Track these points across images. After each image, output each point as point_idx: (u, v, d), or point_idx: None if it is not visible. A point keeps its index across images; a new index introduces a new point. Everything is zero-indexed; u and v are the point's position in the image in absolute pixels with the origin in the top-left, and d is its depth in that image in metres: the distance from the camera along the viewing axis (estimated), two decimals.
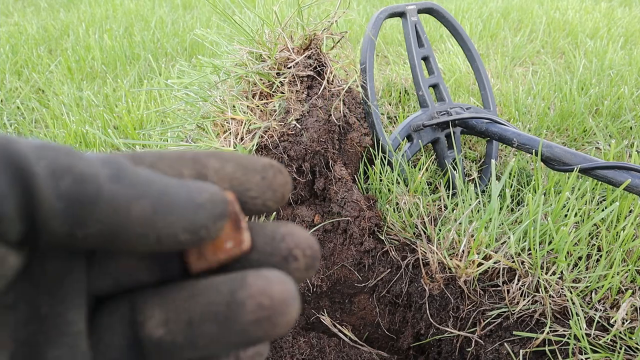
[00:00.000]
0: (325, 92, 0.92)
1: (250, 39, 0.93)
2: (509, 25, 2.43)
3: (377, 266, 0.89)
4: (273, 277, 0.17)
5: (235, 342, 0.17)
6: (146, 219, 0.15)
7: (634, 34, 2.13)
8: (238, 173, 0.18)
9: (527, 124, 1.31)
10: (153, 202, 0.15)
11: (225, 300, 0.17)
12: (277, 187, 0.19)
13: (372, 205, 0.92)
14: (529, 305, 0.72)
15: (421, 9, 1.13)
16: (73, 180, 0.14)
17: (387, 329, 0.92)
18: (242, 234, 0.18)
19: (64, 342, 0.16)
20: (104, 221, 0.14)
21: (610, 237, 0.78)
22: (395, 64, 1.85)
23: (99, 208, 0.14)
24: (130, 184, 0.15)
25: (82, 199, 0.14)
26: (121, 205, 0.15)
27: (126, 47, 2.12)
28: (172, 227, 0.16)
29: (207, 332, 0.16)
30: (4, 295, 0.15)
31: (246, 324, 0.16)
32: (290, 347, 0.81)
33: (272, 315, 0.16)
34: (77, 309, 0.16)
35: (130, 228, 0.15)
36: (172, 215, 0.16)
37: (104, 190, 0.14)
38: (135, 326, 0.17)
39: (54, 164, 0.14)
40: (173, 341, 0.17)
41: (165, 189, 0.16)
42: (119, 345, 0.17)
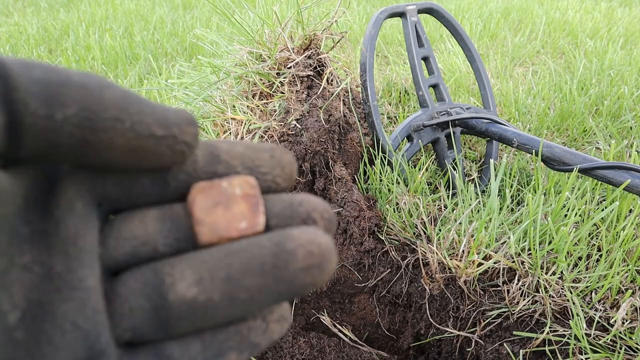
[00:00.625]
0: (325, 92, 0.92)
1: (250, 39, 0.93)
2: (509, 25, 2.43)
3: (377, 266, 0.89)
4: (315, 230, 0.18)
5: (280, 293, 0.17)
6: (118, 102, 0.15)
7: (634, 34, 2.13)
8: (248, 152, 0.19)
9: (527, 124, 1.31)
10: (122, 92, 0.16)
11: (271, 251, 0.17)
12: (285, 164, 0.20)
13: (372, 205, 0.92)
14: (529, 305, 0.72)
15: (421, 9, 1.13)
16: (44, 70, 0.15)
17: (387, 329, 0.92)
18: (259, 216, 0.18)
19: (74, 297, 0.16)
20: (80, 100, 0.15)
21: (610, 237, 0.78)
22: (395, 64, 1.85)
23: (73, 89, 0.15)
24: (98, 79, 0.16)
25: (57, 82, 0.15)
26: (93, 89, 0.15)
27: (126, 47, 2.12)
28: (144, 115, 0.16)
29: (249, 284, 0.17)
30: (22, 256, 0.15)
31: (296, 272, 0.17)
32: (290, 347, 0.81)
33: (321, 262, 0.17)
34: (90, 267, 0.17)
35: (104, 109, 0.15)
36: (143, 105, 0.16)
37: (73, 78, 0.15)
38: (162, 289, 0.17)
39: (24, 61, 0.15)
40: (208, 299, 0.17)
41: (132, 91, 0.17)
42: (143, 309, 0.17)
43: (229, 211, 0.18)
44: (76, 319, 0.16)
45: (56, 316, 0.16)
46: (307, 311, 0.92)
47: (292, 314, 0.90)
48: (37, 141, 0.15)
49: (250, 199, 0.19)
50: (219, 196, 0.18)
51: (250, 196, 0.19)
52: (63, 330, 0.16)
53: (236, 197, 0.18)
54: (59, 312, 0.16)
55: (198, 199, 0.18)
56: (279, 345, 0.81)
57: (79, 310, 0.16)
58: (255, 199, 0.19)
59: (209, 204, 0.18)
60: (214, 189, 0.18)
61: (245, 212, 0.18)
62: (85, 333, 0.16)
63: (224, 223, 0.18)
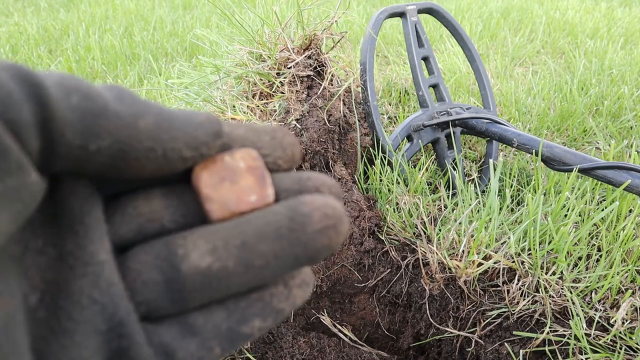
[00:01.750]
0: (325, 92, 0.92)
1: (251, 39, 0.93)
2: (509, 25, 2.43)
3: (377, 266, 0.89)
4: (327, 195, 0.18)
5: (297, 256, 0.17)
6: (152, 132, 0.16)
7: (634, 34, 2.13)
8: (249, 134, 0.19)
9: (527, 124, 1.31)
10: (155, 118, 0.16)
11: (287, 215, 0.17)
12: (286, 146, 0.20)
13: (372, 205, 0.92)
14: (529, 305, 0.72)
15: (421, 9, 1.13)
16: (82, 96, 0.15)
17: (387, 329, 0.92)
18: (267, 188, 0.18)
19: (87, 272, 0.16)
20: (115, 133, 0.15)
21: (610, 237, 0.78)
22: (395, 64, 1.85)
23: (109, 121, 0.15)
24: (132, 104, 0.16)
25: (93, 112, 0.15)
26: (128, 120, 0.15)
27: (126, 47, 2.12)
28: (176, 141, 0.16)
29: (265, 249, 0.17)
30: (35, 240, 0.16)
31: (313, 234, 0.17)
32: (290, 347, 0.81)
33: (337, 223, 0.17)
34: (99, 241, 0.17)
35: (138, 141, 0.16)
36: (174, 130, 0.16)
37: (110, 107, 0.15)
38: (175, 260, 0.17)
39: (62, 82, 0.15)
40: (223, 268, 0.17)
41: (164, 108, 0.17)
42: (156, 282, 0.17)
43: (236, 185, 0.18)
44: (92, 292, 0.16)
45: (73, 292, 0.16)
46: (307, 311, 0.92)
47: (292, 314, 0.90)
48: (69, 164, 0.15)
49: (256, 171, 0.18)
50: (224, 171, 0.18)
51: (255, 168, 0.18)
52: (81, 305, 0.16)
53: (241, 171, 0.18)
54: (75, 289, 0.16)
55: (203, 175, 0.18)
56: (279, 345, 0.81)
57: (93, 284, 0.16)
58: (261, 170, 0.18)
59: (215, 180, 0.18)
60: (217, 164, 0.18)
61: (253, 185, 0.18)
62: (102, 305, 0.16)
63: (234, 198, 0.18)
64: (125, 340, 0.16)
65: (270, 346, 0.81)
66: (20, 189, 0.14)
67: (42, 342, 0.15)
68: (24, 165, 0.14)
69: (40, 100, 0.14)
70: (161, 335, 0.17)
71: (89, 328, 0.16)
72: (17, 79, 0.14)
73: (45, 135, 0.14)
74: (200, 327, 0.17)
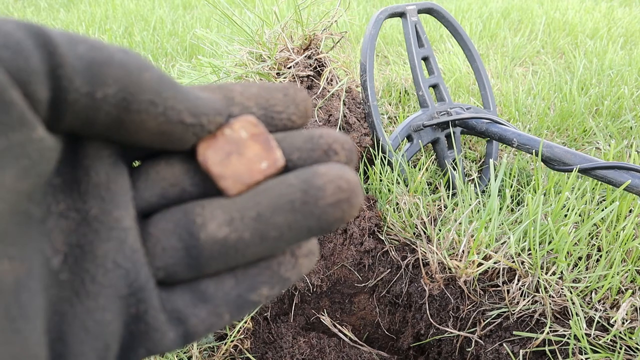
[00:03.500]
0: (325, 92, 0.92)
1: (250, 39, 0.93)
2: (509, 25, 2.43)
3: (377, 266, 0.89)
4: (341, 165, 0.18)
5: (310, 228, 0.17)
6: (155, 86, 0.16)
7: (634, 34, 2.13)
8: (262, 92, 0.19)
9: (527, 124, 1.31)
10: (159, 75, 0.16)
11: (300, 188, 0.17)
12: (299, 102, 0.20)
13: (372, 205, 0.92)
14: (529, 305, 0.72)
15: (421, 9, 1.13)
16: (88, 46, 0.15)
17: (387, 329, 0.92)
18: (275, 152, 0.18)
19: (112, 237, 0.17)
20: (120, 81, 0.15)
21: (610, 237, 0.78)
22: (395, 64, 1.85)
23: (115, 69, 0.15)
24: (138, 58, 0.16)
25: (100, 60, 0.15)
26: (133, 70, 0.16)
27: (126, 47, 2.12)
28: (177, 102, 0.16)
29: (280, 221, 0.17)
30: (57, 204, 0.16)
31: (326, 207, 0.17)
32: (290, 347, 0.81)
33: (350, 196, 0.17)
34: (125, 208, 0.17)
35: (141, 92, 0.16)
36: (177, 92, 0.16)
37: (115, 56, 0.15)
38: (193, 228, 0.17)
39: (68, 34, 0.15)
40: (239, 238, 0.17)
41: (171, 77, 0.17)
42: (175, 248, 0.17)
43: (244, 157, 0.18)
44: (116, 257, 0.17)
45: (98, 256, 0.16)
46: (307, 311, 0.92)
47: (292, 314, 0.90)
48: (76, 117, 0.15)
49: (260, 138, 0.18)
50: (228, 145, 0.18)
51: (258, 135, 0.18)
52: (105, 268, 0.16)
53: (245, 141, 0.18)
54: (99, 252, 0.16)
55: (209, 154, 0.18)
56: (279, 345, 0.81)
57: (118, 249, 0.17)
58: (264, 135, 0.18)
59: (222, 156, 0.18)
60: (220, 140, 0.18)
61: (260, 152, 0.18)
62: (125, 270, 0.17)
63: (245, 170, 0.18)
64: (143, 305, 0.17)
65: (270, 346, 0.81)
66: (25, 144, 0.14)
67: (65, 304, 0.16)
68: (29, 120, 0.14)
69: (48, 48, 0.14)
70: (174, 302, 0.18)
71: (112, 291, 0.16)
72: (24, 29, 0.14)
73: (55, 84, 0.14)
74: (212, 295, 0.18)
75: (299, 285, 0.87)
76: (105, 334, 0.16)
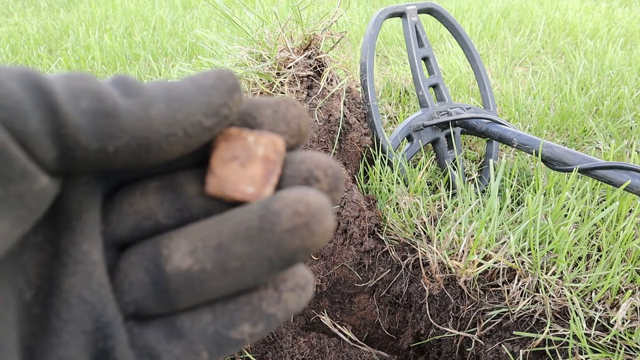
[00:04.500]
0: (325, 92, 0.92)
1: (250, 39, 0.93)
2: (508, 25, 2.43)
3: (377, 266, 0.89)
4: (307, 189, 0.17)
5: (271, 259, 0.16)
6: (166, 117, 0.15)
7: (634, 34, 2.13)
8: (250, 109, 0.18)
9: (527, 124, 1.31)
10: (165, 101, 0.16)
11: (258, 214, 0.16)
12: (290, 119, 0.18)
13: (372, 205, 0.92)
14: (529, 305, 0.72)
15: (421, 9, 1.13)
16: (91, 98, 0.14)
17: (387, 329, 0.92)
18: (267, 186, 0.17)
19: (79, 271, 0.16)
20: (130, 130, 0.15)
21: (610, 237, 0.78)
22: (395, 64, 1.85)
23: (122, 119, 0.15)
24: (139, 94, 0.15)
25: (105, 113, 0.14)
26: (140, 113, 0.15)
27: (126, 47, 2.12)
28: (193, 115, 0.16)
29: (238, 251, 0.16)
30: (34, 237, 0.16)
31: (282, 233, 0.16)
32: (290, 347, 0.81)
33: (309, 222, 0.16)
34: (93, 241, 0.17)
35: (156, 131, 0.15)
36: (188, 105, 0.16)
37: (120, 104, 0.15)
38: (160, 262, 0.17)
39: (70, 85, 0.14)
40: (202, 270, 0.16)
41: (170, 86, 0.16)
42: (143, 283, 0.17)
43: (243, 170, 0.17)
44: (82, 292, 0.16)
45: (63, 291, 0.16)
46: (307, 311, 0.92)
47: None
48: (90, 166, 0.15)
49: (269, 165, 0.17)
50: (241, 150, 0.17)
51: (269, 162, 0.17)
52: (69, 304, 0.16)
53: (256, 157, 0.17)
54: (65, 287, 0.16)
55: (220, 146, 0.18)
56: (279, 345, 0.81)
57: (84, 284, 0.16)
58: (273, 166, 0.17)
59: (228, 156, 0.17)
60: (239, 141, 0.18)
61: (257, 177, 0.17)
62: (91, 306, 0.16)
63: (233, 181, 0.17)
64: (111, 341, 0.16)
65: (270, 346, 0.81)
66: (24, 195, 0.14)
67: (33, 339, 0.15)
68: (30, 173, 0.14)
69: (50, 107, 0.14)
70: (146, 338, 0.17)
71: (77, 327, 0.16)
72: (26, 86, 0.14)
73: (61, 143, 0.14)
74: (187, 330, 0.17)
75: None
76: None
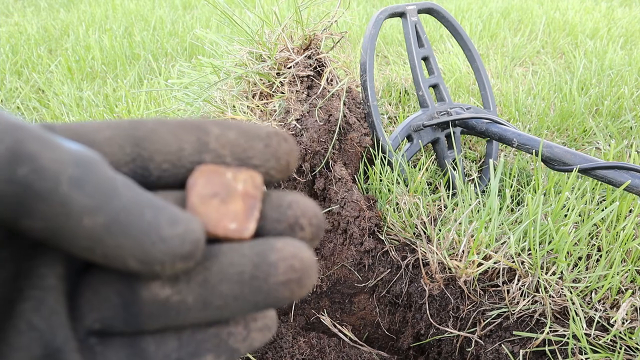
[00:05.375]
0: (325, 92, 0.92)
1: (250, 39, 0.93)
2: (508, 25, 2.43)
3: (377, 266, 0.89)
4: (299, 244, 0.17)
5: (257, 303, 0.17)
6: (95, 235, 0.14)
7: (634, 34, 2.13)
8: (240, 140, 0.18)
9: (527, 124, 1.31)
10: (108, 219, 0.14)
11: (252, 261, 0.16)
12: (281, 155, 0.18)
13: (372, 205, 0.92)
14: (529, 305, 0.72)
15: (421, 9, 1.13)
16: (31, 170, 0.13)
17: (387, 329, 0.92)
18: (250, 222, 0.18)
19: (32, 296, 0.16)
20: (50, 222, 0.14)
21: (610, 237, 0.78)
22: (395, 64, 1.85)
23: (49, 208, 0.14)
24: (91, 194, 0.14)
25: (34, 193, 0.13)
26: (72, 213, 0.14)
27: (126, 47, 2.12)
28: (121, 250, 0.15)
29: (225, 292, 0.16)
30: (1, 251, 0.15)
31: (276, 285, 0.16)
32: (290, 347, 0.81)
33: (302, 277, 0.17)
34: (51, 265, 0.16)
35: (76, 238, 0.14)
36: (124, 238, 0.14)
37: (58, 192, 0.14)
38: (135, 285, 0.16)
39: (18, 146, 0.13)
40: (182, 301, 0.16)
41: (129, 206, 0.15)
42: (113, 304, 0.16)
43: (224, 207, 0.17)
44: (31, 318, 0.16)
45: (14, 316, 0.16)
46: (307, 311, 0.92)
47: (292, 314, 0.90)
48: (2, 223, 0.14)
49: (249, 200, 0.18)
50: (220, 187, 0.17)
51: (249, 197, 0.18)
52: (18, 330, 0.15)
53: (236, 194, 0.17)
54: (16, 312, 0.16)
55: (199, 183, 0.17)
56: (279, 345, 0.81)
57: (35, 310, 0.16)
58: (254, 201, 0.18)
59: (208, 192, 0.17)
60: (217, 177, 0.17)
61: (239, 214, 0.17)
62: (39, 333, 0.16)
63: (215, 218, 0.17)
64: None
65: (270, 346, 0.81)
66: None
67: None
68: None
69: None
70: (107, 358, 0.17)
71: (24, 354, 0.15)
72: None
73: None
74: (151, 354, 0.17)
75: None
76: None
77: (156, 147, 0.17)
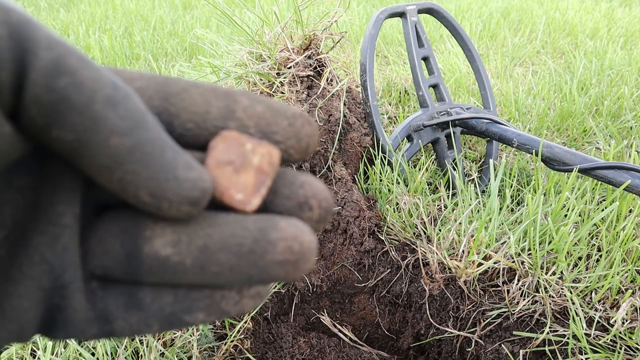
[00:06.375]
0: (325, 92, 0.92)
1: (250, 39, 0.93)
2: (508, 25, 2.43)
3: (377, 266, 0.89)
4: (303, 226, 0.17)
5: (251, 276, 0.17)
6: (118, 156, 0.15)
7: (634, 34, 2.13)
8: (267, 114, 0.18)
9: (527, 124, 1.31)
10: (134, 144, 0.15)
11: (253, 236, 0.17)
12: (302, 136, 0.18)
13: (372, 205, 0.92)
14: (529, 305, 0.72)
15: (421, 9, 1.13)
16: (70, 83, 0.14)
17: (387, 329, 0.92)
18: (256, 196, 0.18)
19: (48, 231, 0.16)
20: (80, 134, 0.14)
21: (610, 237, 0.78)
22: (395, 64, 1.85)
23: (81, 121, 0.14)
24: (122, 116, 0.15)
25: (70, 104, 0.14)
26: (102, 130, 0.14)
27: (126, 47, 2.12)
28: (137, 178, 0.15)
29: (223, 261, 0.17)
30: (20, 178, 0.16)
31: (271, 263, 0.17)
32: (290, 347, 0.81)
33: (298, 260, 0.17)
34: (70, 204, 0.17)
35: (99, 155, 0.15)
36: (143, 168, 0.15)
37: (92, 107, 0.14)
38: (139, 239, 0.17)
39: (62, 60, 0.14)
40: (180, 262, 0.17)
41: (154, 140, 0.15)
42: (117, 253, 0.17)
43: (235, 176, 0.18)
44: (45, 252, 0.16)
45: (29, 246, 0.16)
46: (307, 311, 0.92)
47: (292, 314, 0.90)
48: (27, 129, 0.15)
49: (261, 176, 0.18)
50: (237, 156, 0.18)
51: (262, 172, 0.18)
52: (32, 260, 0.16)
53: (250, 166, 0.18)
54: (32, 243, 0.16)
55: (219, 147, 0.18)
56: (279, 345, 0.81)
57: (50, 245, 0.17)
58: (265, 177, 0.18)
59: (224, 158, 0.18)
60: (237, 146, 0.18)
61: (248, 186, 0.18)
62: (51, 267, 0.17)
63: (224, 185, 0.17)
64: (64, 301, 0.17)
65: (270, 346, 0.81)
66: None
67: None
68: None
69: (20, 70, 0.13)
70: (107, 303, 0.17)
71: (34, 283, 0.16)
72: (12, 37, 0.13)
73: (15, 99, 0.14)
74: (147, 305, 0.18)
75: (298, 285, 0.87)
76: (19, 319, 0.16)
77: (184, 104, 0.17)
